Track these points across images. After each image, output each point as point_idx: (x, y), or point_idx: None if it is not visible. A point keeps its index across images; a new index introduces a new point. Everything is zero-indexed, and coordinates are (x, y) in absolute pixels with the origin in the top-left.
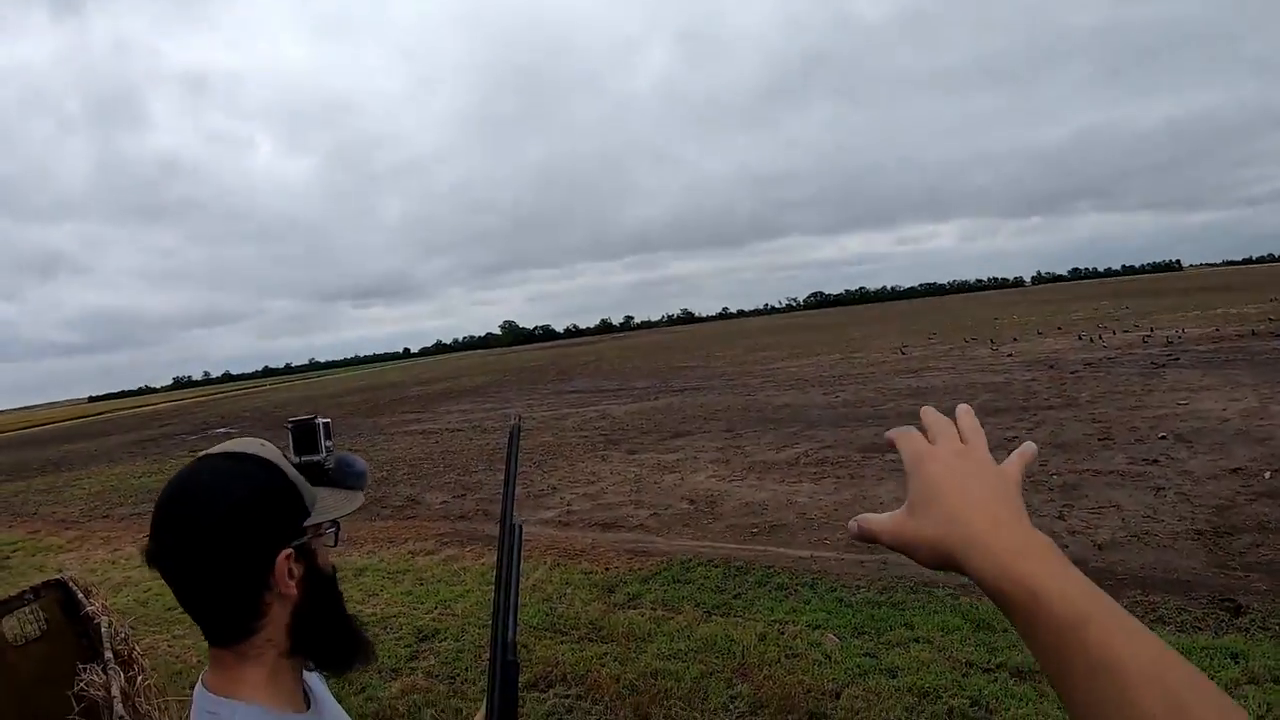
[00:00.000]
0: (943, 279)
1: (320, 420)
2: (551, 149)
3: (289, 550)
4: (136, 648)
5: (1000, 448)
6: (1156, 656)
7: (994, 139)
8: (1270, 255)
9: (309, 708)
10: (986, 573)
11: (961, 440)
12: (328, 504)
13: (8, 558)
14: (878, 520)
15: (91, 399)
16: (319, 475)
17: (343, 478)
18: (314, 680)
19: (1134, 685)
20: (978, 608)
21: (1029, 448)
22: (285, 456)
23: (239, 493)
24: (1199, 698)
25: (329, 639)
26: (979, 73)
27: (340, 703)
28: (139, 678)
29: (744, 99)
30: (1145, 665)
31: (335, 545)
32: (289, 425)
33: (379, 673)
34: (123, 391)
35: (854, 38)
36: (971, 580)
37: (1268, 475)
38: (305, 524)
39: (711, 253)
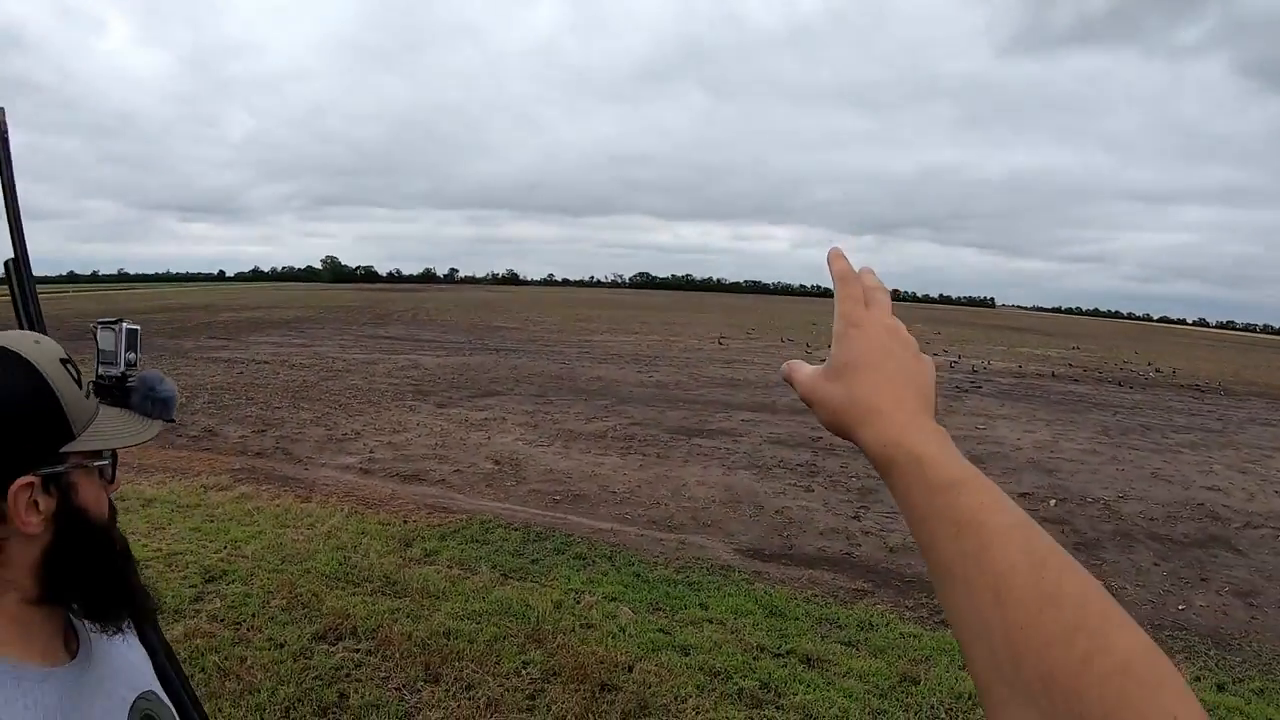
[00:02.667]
0: (769, 279)
1: (125, 325)
2: (415, 90)
3: (30, 479)
4: None
5: (805, 445)
6: (1022, 521)
7: (846, 160)
8: (1078, 308)
9: (74, 658)
10: (875, 441)
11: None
12: (109, 429)
13: None
14: (802, 371)
15: None
16: (115, 393)
17: (140, 401)
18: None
19: (998, 541)
20: (771, 594)
21: None
22: (70, 364)
23: None
24: (1058, 558)
25: (89, 590)
26: (848, 97)
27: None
28: None
29: (619, 75)
30: (1009, 525)
31: (112, 481)
32: (94, 326)
33: (161, 613)
34: None
35: (740, 37)
36: (861, 450)
37: (1053, 503)
38: (65, 449)
39: (550, 219)
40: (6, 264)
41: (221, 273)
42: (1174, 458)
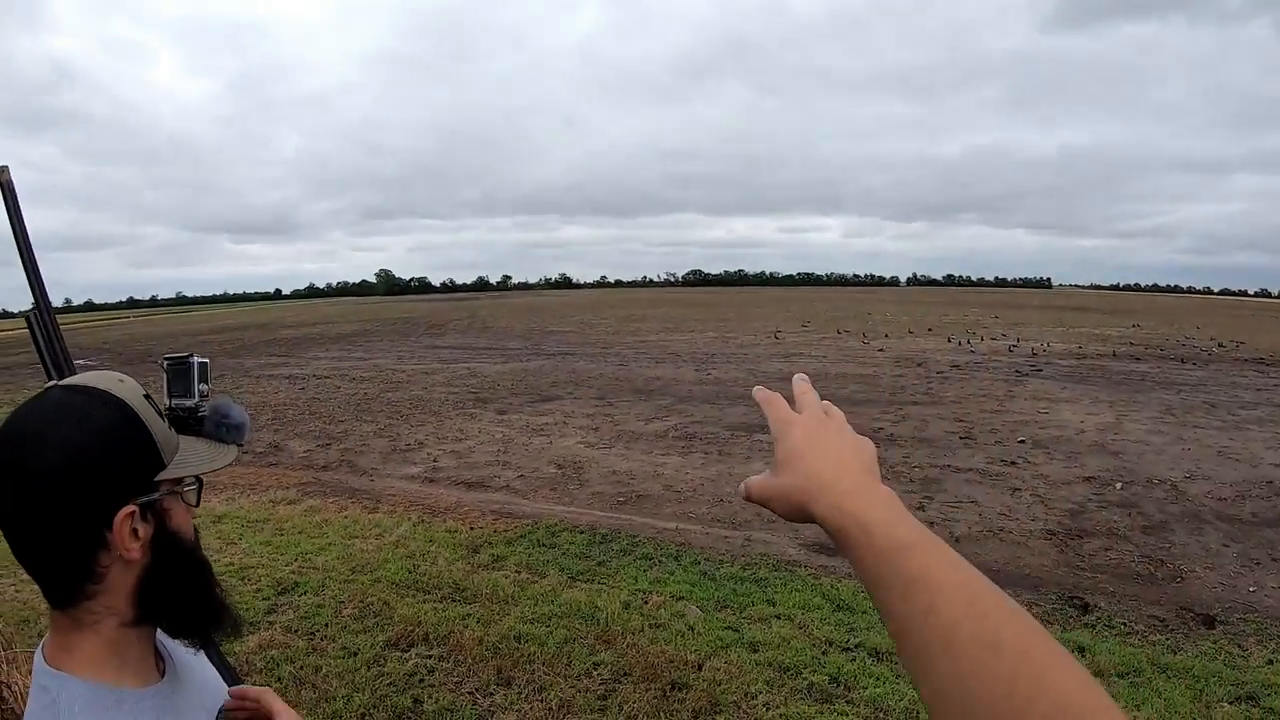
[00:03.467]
0: (822, 270)
1: (196, 360)
2: (461, 98)
3: (132, 508)
4: None
5: (866, 437)
6: (967, 577)
7: (895, 145)
8: (1136, 284)
9: (163, 676)
10: (825, 512)
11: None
12: (192, 456)
13: None
14: (755, 481)
15: None
16: (190, 423)
17: (214, 428)
18: (173, 642)
19: (943, 596)
20: (838, 588)
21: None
22: (151, 399)
23: (75, 435)
24: (1001, 610)
25: (183, 611)
26: (895, 81)
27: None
28: None
29: (663, 72)
30: (955, 583)
31: (196, 505)
32: (164, 362)
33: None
34: None
35: (782, 28)
36: (819, 525)
37: (1119, 486)
38: (158, 478)
39: (600, 220)
40: (28, 316)
41: (278, 291)
42: (1241, 435)
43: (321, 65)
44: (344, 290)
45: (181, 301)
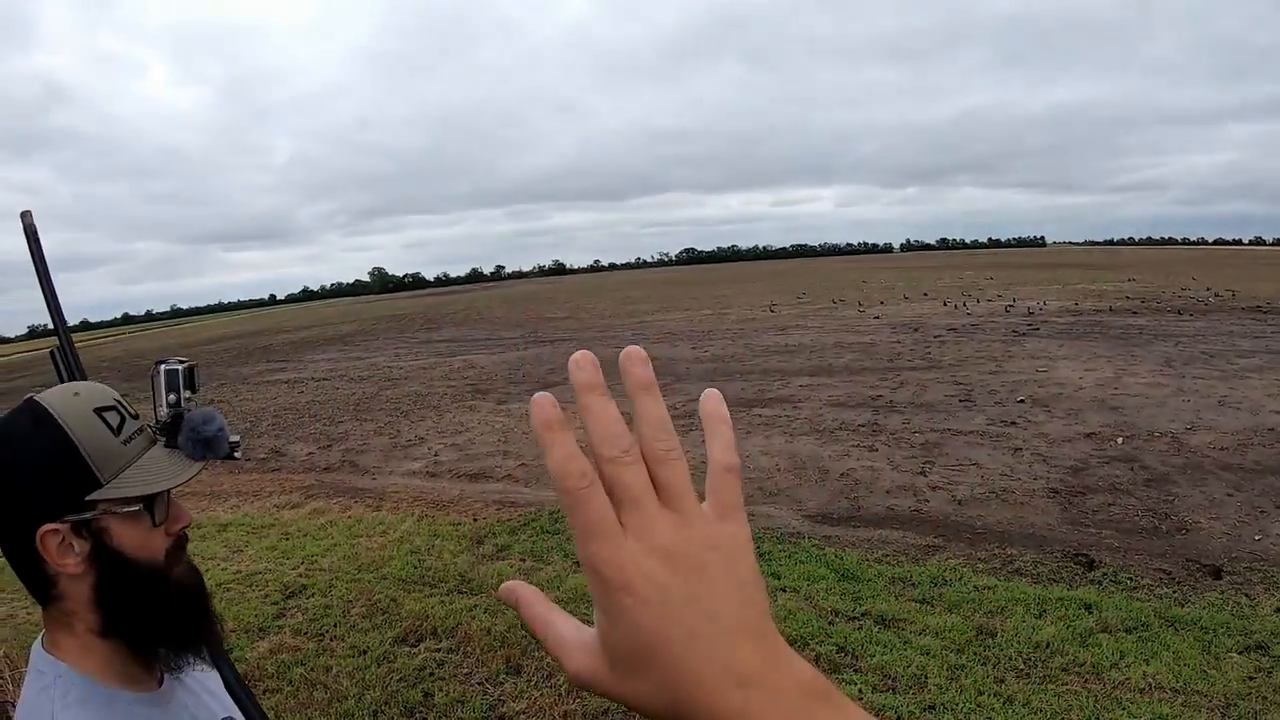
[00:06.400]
0: (815, 241)
1: (164, 368)
2: (453, 93)
3: (53, 526)
4: None
5: (865, 405)
6: None
7: (887, 112)
8: (1130, 239)
9: (161, 685)
10: None
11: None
12: (141, 474)
13: None
14: (564, 641)
15: None
16: (167, 434)
17: (183, 441)
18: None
19: None
20: (843, 558)
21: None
22: (118, 409)
23: None
24: None
25: (146, 626)
26: (887, 48)
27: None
28: None
29: (655, 54)
30: None
31: (155, 524)
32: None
33: (246, 632)
34: None
35: (774, 2)
36: None
37: (1120, 441)
38: (91, 497)
39: (592, 205)
40: (51, 352)
41: (272, 296)
42: (1240, 383)
43: (311, 66)
44: (338, 291)
45: (176, 314)
